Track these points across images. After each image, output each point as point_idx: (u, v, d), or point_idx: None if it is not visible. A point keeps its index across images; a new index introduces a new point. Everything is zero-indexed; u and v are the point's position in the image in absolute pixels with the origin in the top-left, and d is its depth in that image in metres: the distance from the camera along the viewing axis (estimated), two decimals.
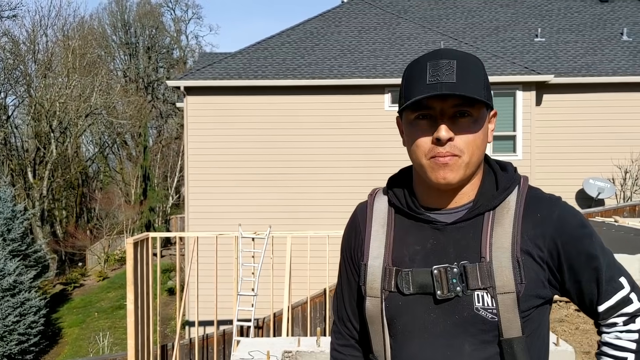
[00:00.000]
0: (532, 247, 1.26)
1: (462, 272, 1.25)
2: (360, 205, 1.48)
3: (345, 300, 1.50)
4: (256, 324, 8.74)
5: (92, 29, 36.74)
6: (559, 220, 1.28)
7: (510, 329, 1.23)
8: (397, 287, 1.30)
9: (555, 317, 5.34)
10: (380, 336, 1.34)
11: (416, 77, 1.25)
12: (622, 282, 1.30)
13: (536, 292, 1.26)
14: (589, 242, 1.29)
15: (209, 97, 13.17)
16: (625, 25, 15.44)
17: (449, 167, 1.23)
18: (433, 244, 1.31)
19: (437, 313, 1.27)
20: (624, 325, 1.29)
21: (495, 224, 1.28)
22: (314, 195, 12.79)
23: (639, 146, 12.93)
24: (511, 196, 1.31)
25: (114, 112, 32.38)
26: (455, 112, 1.23)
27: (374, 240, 1.37)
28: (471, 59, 1.27)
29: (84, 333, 18.08)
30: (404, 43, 14.26)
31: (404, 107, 1.27)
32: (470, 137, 1.24)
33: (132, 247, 6.56)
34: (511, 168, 1.37)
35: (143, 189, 32.32)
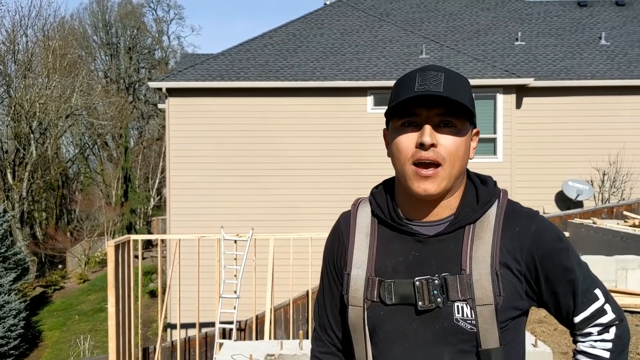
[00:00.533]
0: (511, 260, 1.30)
1: (443, 284, 1.28)
2: (344, 214, 1.50)
3: (327, 308, 1.52)
4: (238, 327, 8.72)
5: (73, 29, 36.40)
6: (536, 234, 1.32)
7: (488, 339, 1.27)
8: (380, 297, 1.33)
9: (534, 318, 5.41)
10: (363, 344, 1.37)
11: (405, 86, 1.29)
12: (597, 294, 1.35)
13: (514, 304, 1.30)
14: (565, 256, 1.33)
15: (191, 99, 13.13)
16: (603, 29, 15.67)
17: (431, 179, 1.26)
18: (415, 256, 1.33)
19: (418, 323, 1.30)
20: (598, 335, 1.34)
21: (476, 237, 1.31)
22: (296, 198, 12.80)
23: (616, 149, 13.13)
24: (491, 210, 1.35)
25: (94, 113, 32.10)
26: (440, 120, 1.26)
27: (357, 250, 1.40)
28: (459, 76, 1.32)
29: (64, 336, 17.90)
30: (386, 46, 14.34)
31: (392, 114, 1.31)
32: (453, 147, 1.27)
33: (113, 250, 6.52)
34: (491, 182, 1.41)
35: (124, 191, 32.06)
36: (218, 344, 7.78)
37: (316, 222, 11.31)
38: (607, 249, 8.24)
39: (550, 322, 5.22)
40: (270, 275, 7.43)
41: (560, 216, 10.94)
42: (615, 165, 13.14)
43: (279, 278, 8.26)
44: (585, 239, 9.47)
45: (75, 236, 28.41)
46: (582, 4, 17.12)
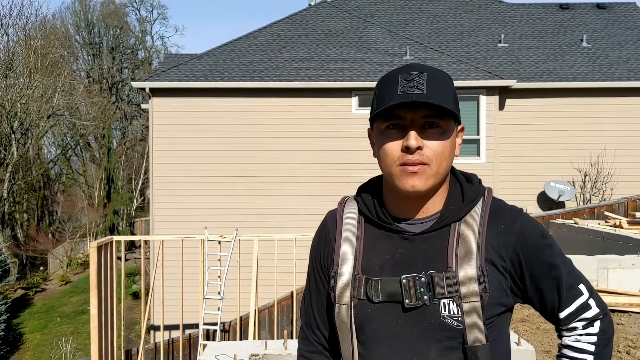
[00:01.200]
0: (496, 257, 1.31)
1: (429, 282, 1.29)
2: (330, 213, 1.51)
3: (314, 307, 1.52)
4: (222, 328, 8.69)
5: (55, 29, 36.03)
6: (520, 231, 1.33)
7: (475, 336, 1.28)
8: (367, 295, 1.33)
9: (517, 317, 5.45)
10: (349, 342, 1.37)
11: (388, 88, 1.29)
12: (581, 289, 1.37)
13: (500, 300, 1.31)
14: (550, 252, 1.34)
15: (174, 99, 13.06)
16: (584, 32, 15.85)
17: (418, 175, 1.27)
18: (402, 254, 1.34)
19: (405, 320, 1.31)
20: (583, 329, 1.36)
21: (461, 234, 1.33)
22: (281, 198, 12.79)
23: (598, 150, 13.28)
24: (476, 207, 1.36)
25: (77, 113, 31.80)
26: (424, 122, 1.27)
27: (344, 248, 1.40)
28: (441, 74, 1.32)
29: (46, 338, 17.72)
30: (370, 47, 14.38)
31: (376, 116, 1.31)
32: (439, 147, 1.28)
33: (95, 251, 6.46)
34: (476, 180, 1.42)
35: (107, 192, 31.81)
36: (202, 346, 7.75)
37: (301, 223, 11.31)
38: (589, 248, 8.33)
39: (532, 321, 5.26)
40: (254, 276, 7.41)
41: (543, 216, 11.03)
42: (597, 166, 13.29)
43: (264, 279, 8.24)
44: (567, 239, 9.57)
45: (57, 237, 28.12)
46: (564, 6, 17.30)
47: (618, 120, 13.47)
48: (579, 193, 13.45)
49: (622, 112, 13.51)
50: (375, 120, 1.33)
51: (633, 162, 13.30)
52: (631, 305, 5.51)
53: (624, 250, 7.45)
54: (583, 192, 13.41)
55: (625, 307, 5.52)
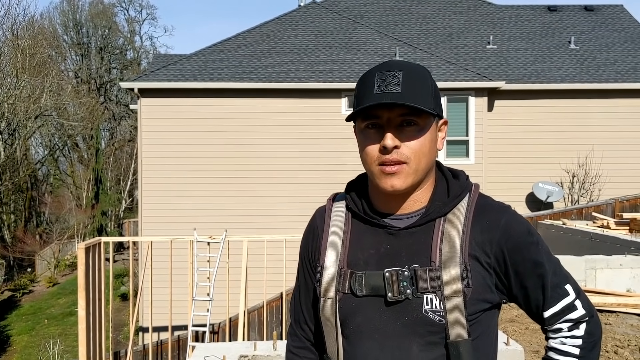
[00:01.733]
0: (480, 253, 1.31)
1: (412, 276, 1.29)
2: (319, 209, 1.52)
3: (302, 302, 1.53)
4: (212, 329, 8.66)
5: (43, 29, 35.76)
6: (505, 227, 1.32)
7: (457, 331, 1.28)
8: (351, 288, 1.34)
9: (505, 317, 5.47)
10: (334, 337, 1.38)
11: (366, 86, 1.31)
12: (567, 289, 1.35)
13: (483, 296, 1.31)
14: (535, 250, 1.34)
15: (163, 99, 13.00)
16: (572, 34, 15.96)
17: (397, 175, 1.29)
18: (387, 248, 1.35)
19: (388, 314, 1.31)
20: (568, 331, 1.35)
21: (446, 230, 1.33)
22: (270, 199, 12.77)
23: (585, 151, 13.37)
24: (462, 203, 1.36)
25: (64, 114, 31.59)
26: (401, 121, 1.28)
27: (330, 243, 1.42)
28: (418, 70, 1.32)
29: (33, 340, 17.58)
30: (360, 48, 14.39)
31: (354, 116, 1.33)
32: (417, 145, 1.28)
33: (83, 252, 6.42)
34: (463, 176, 1.42)
35: (95, 193, 31.62)
36: (191, 347, 7.71)
37: (290, 224, 11.30)
38: (577, 249, 8.39)
39: (521, 322, 5.28)
40: (244, 277, 7.39)
41: (531, 217, 11.09)
42: (584, 167, 13.38)
43: (253, 280, 8.22)
44: (556, 240, 9.62)
45: (45, 239, 27.91)
46: (552, 8, 17.41)
47: (605, 122, 13.57)
48: (567, 194, 13.53)
49: (610, 114, 13.62)
50: (355, 119, 1.35)
51: (620, 163, 13.40)
52: (619, 305, 5.55)
53: (612, 250, 7.50)
54: (571, 192, 13.49)
55: (613, 307, 5.55)
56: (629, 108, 13.65)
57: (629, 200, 11.26)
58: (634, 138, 13.54)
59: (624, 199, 11.24)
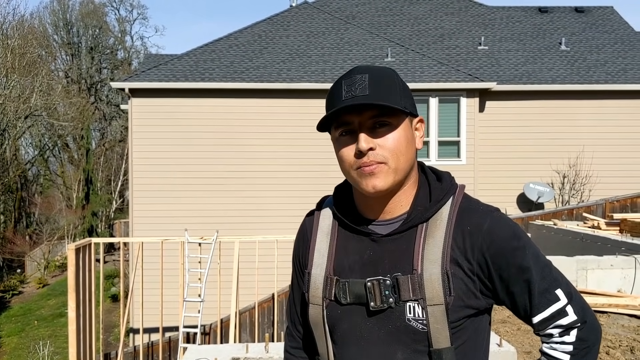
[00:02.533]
0: (462, 260, 1.29)
1: (394, 284, 1.29)
2: (309, 214, 1.53)
3: (297, 304, 1.55)
4: (203, 331, 8.62)
5: (33, 28, 35.55)
6: (488, 232, 1.29)
7: (439, 339, 1.27)
8: (336, 296, 1.35)
9: (497, 318, 5.48)
10: (324, 341, 1.39)
11: (334, 96, 1.31)
12: (557, 295, 1.31)
13: (467, 302, 1.28)
14: (521, 254, 1.29)
15: (154, 100, 12.94)
16: (563, 35, 16.03)
17: (376, 175, 1.27)
18: (370, 255, 1.34)
19: (372, 322, 1.31)
20: (559, 337, 1.31)
21: (428, 236, 1.31)
22: (262, 200, 12.74)
23: (576, 152, 13.43)
24: (444, 207, 1.34)
25: (55, 114, 31.39)
26: (374, 123, 1.27)
27: (318, 249, 1.42)
28: (384, 71, 1.32)
29: (23, 342, 17.45)
30: (352, 48, 14.39)
31: (328, 126, 1.34)
32: (391, 145, 1.27)
33: (73, 253, 6.38)
34: (447, 178, 1.40)
35: (85, 193, 31.44)
36: (182, 349, 7.67)
37: (282, 224, 11.29)
38: (568, 249, 8.41)
39: (513, 322, 5.29)
40: (235, 278, 7.37)
41: (522, 218, 11.12)
42: (575, 168, 13.44)
43: (245, 281, 8.19)
44: (547, 240, 9.65)
45: (35, 240, 27.72)
46: (543, 10, 17.49)
47: (596, 123, 13.64)
48: (558, 194, 13.59)
49: (600, 115, 13.69)
50: (329, 129, 1.35)
51: (610, 164, 13.47)
52: (610, 305, 5.57)
53: (602, 251, 7.53)
54: (562, 193, 13.55)
55: (604, 307, 5.57)
56: (619, 109, 13.73)
57: (619, 201, 11.31)
58: (624, 139, 13.62)
59: (614, 200, 11.30)
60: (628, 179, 13.28)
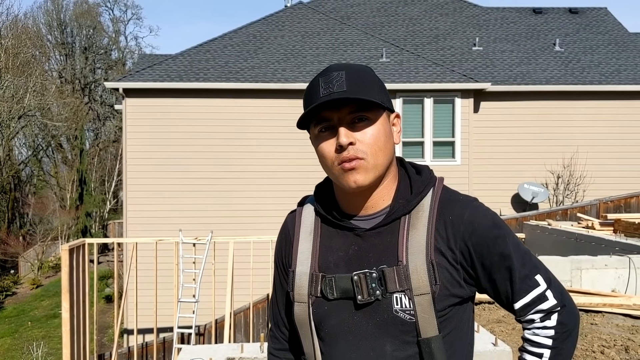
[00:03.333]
0: (445, 249, 1.31)
1: (381, 277, 1.30)
2: (290, 214, 1.54)
3: (280, 305, 1.55)
4: (197, 331, 8.60)
5: (27, 28, 35.39)
6: (469, 221, 1.32)
7: (428, 328, 1.29)
8: (322, 292, 1.35)
9: (492, 318, 5.48)
10: (310, 340, 1.40)
11: (312, 93, 1.32)
12: (537, 280, 1.35)
13: (452, 291, 1.31)
14: (502, 242, 1.32)
15: (148, 100, 12.91)
16: (557, 36, 16.08)
17: (357, 170, 1.29)
18: (355, 250, 1.36)
19: (360, 316, 1.32)
20: (540, 322, 1.35)
21: (411, 227, 1.33)
22: (257, 200, 12.72)
23: (570, 152, 13.47)
24: (425, 199, 1.36)
25: (48, 114, 31.28)
26: (352, 118, 1.29)
27: (301, 247, 1.43)
28: (361, 67, 1.34)
29: (16, 343, 17.37)
30: (347, 49, 14.39)
31: (307, 123, 1.35)
32: (371, 139, 1.29)
33: (67, 254, 6.35)
34: (427, 171, 1.42)
35: (79, 194, 31.34)
36: (176, 349, 7.65)
37: (277, 225, 11.20)
38: (562, 249, 8.43)
39: (508, 322, 5.29)
40: (230, 278, 7.35)
41: (517, 218, 11.15)
42: (569, 169, 13.48)
43: (239, 282, 8.18)
44: (541, 240, 9.68)
45: (28, 240, 27.61)
46: (538, 11, 17.54)
47: (590, 124, 13.69)
48: (552, 195, 13.63)
49: (594, 115, 13.74)
50: (309, 127, 1.36)
51: (604, 165, 13.52)
52: (604, 305, 5.58)
53: (596, 251, 7.55)
54: (556, 193, 13.59)
55: (598, 307, 5.58)
56: (613, 110, 13.78)
57: (613, 201, 11.35)
58: (618, 139, 13.67)
59: (608, 200, 11.34)
60: (622, 180, 13.33)
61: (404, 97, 13.14)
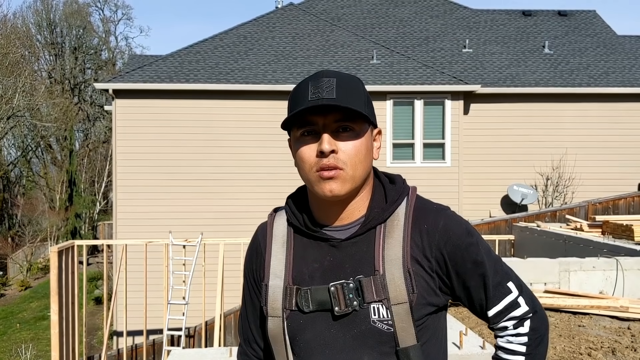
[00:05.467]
0: (421, 258, 1.31)
1: (358, 287, 1.29)
2: (261, 225, 1.51)
3: (250, 321, 1.51)
4: (187, 333, 8.58)
5: (16, 28, 35.17)
6: (444, 230, 1.32)
7: (406, 338, 1.28)
8: (298, 305, 1.33)
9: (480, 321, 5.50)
10: (284, 355, 1.36)
11: (299, 96, 1.31)
12: (509, 287, 1.36)
13: (428, 300, 1.31)
14: (475, 250, 1.34)
15: (139, 101, 12.87)
16: (546, 38, 16.18)
17: (334, 180, 1.27)
18: (330, 261, 1.34)
19: (337, 328, 1.31)
20: (514, 329, 1.36)
21: (387, 236, 1.33)
22: (247, 202, 12.70)
23: (559, 154, 13.56)
24: (400, 208, 1.36)
25: (38, 115, 31.09)
26: (337, 127, 1.28)
27: (274, 260, 1.40)
28: (351, 78, 1.33)
29: (4, 345, 17.25)
30: (337, 50, 14.41)
31: (290, 124, 1.33)
32: (353, 151, 1.28)
33: (56, 256, 6.32)
34: (400, 180, 1.42)
35: (69, 195, 31.16)
36: (166, 351, 7.63)
37: None
38: (551, 251, 8.49)
39: None
40: (220, 280, 7.34)
41: (506, 219, 11.19)
42: (558, 170, 13.57)
43: (229, 283, 8.16)
44: (530, 242, 9.73)
45: (17, 242, 27.43)
46: (527, 13, 17.63)
47: (578, 126, 13.79)
48: (541, 196, 13.70)
49: (582, 118, 13.84)
50: (291, 129, 1.35)
51: (593, 167, 13.62)
52: (592, 307, 5.62)
53: (585, 252, 7.60)
54: (545, 195, 13.66)
55: (586, 309, 5.62)
56: (601, 112, 13.88)
57: (602, 203, 11.43)
58: (606, 142, 13.77)
59: (597, 202, 11.41)
60: (610, 181, 13.43)
61: (394, 99, 13.18)
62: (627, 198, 11.52)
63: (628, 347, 4.59)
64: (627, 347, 4.59)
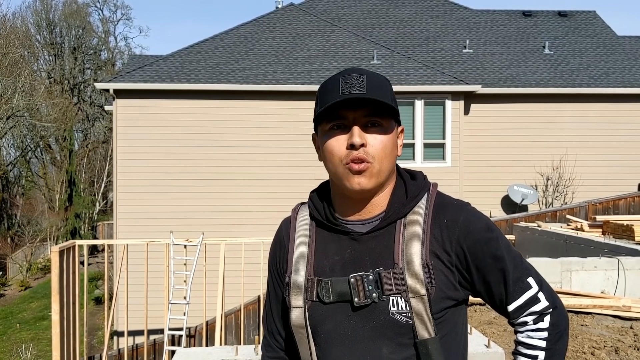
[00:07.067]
0: (441, 252, 1.33)
1: (377, 279, 1.32)
2: (285, 220, 1.55)
3: (274, 313, 1.55)
4: (188, 333, 8.58)
5: (15, 28, 35.13)
6: (464, 224, 1.35)
7: (424, 330, 1.30)
8: (318, 296, 1.36)
9: (484, 319, 5.51)
10: (306, 345, 1.40)
11: (330, 90, 1.34)
12: (529, 282, 1.37)
13: (447, 294, 1.33)
14: (495, 245, 1.35)
15: (139, 101, 12.86)
16: (547, 39, 16.18)
17: (363, 174, 1.31)
18: (351, 254, 1.37)
19: (356, 319, 1.33)
20: (534, 324, 1.37)
21: (407, 230, 1.35)
22: (248, 202, 12.70)
23: (559, 154, 13.56)
24: (420, 203, 1.39)
25: (37, 115, 31.06)
26: (367, 121, 1.32)
27: (296, 252, 1.44)
28: (380, 77, 1.37)
29: (4, 345, 17.23)
30: (338, 50, 14.41)
31: (320, 118, 1.36)
32: (380, 145, 1.32)
33: (57, 256, 6.31)
34: (421, 176, 1.45)
35: (68, 195, 31.14)
36: (167, 351, 7.63)
37: (268, 227, 11.21)
38: (551, 251, 8.49)
39: (499, 324, 5.32)
40: (221, 280, 7.34)
41: (507, 220, 11.20)
42: (558, 171, 13.57)
43: (230, 283, 8.16)
44: (531, 242, 9.74)
45: (17, 242, 27.41)
46: (527, 13, 17.64)
47: (578, 126, 13.79)
48: (542, 197, 13.71)
49: (583, 118, 13.84)
50: (319, 123, 1.37)
51: (593, 167, 13.63)
52: (594, 306, 5.62)
53: (586, 252, 7.61)
54: (545, 195, 13.67)
55: (588, 308, 5.63)
56: (601, 112, 13.89)
57: (602, 203, 11.44)
58: (606, 142, 13.78)
59: (597, 202, 11.42)
60: (610, 181, 13.43)
61: None
62: (627, 198, 11.53)
63: (631, 346, 4.59)
64: (630, 346, 4.59)
